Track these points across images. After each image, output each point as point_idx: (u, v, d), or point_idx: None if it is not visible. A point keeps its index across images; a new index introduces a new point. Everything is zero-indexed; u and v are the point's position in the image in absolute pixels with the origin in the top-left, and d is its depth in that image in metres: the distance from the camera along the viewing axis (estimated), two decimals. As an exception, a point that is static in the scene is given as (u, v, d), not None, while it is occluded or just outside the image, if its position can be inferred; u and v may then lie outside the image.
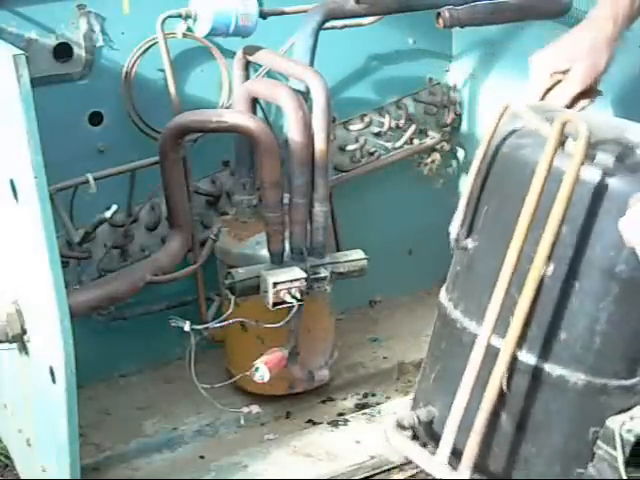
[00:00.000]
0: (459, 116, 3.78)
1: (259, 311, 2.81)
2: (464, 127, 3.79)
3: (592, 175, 2.02)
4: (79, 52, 2.94)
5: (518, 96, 2.30)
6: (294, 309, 2.76)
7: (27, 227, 2.11)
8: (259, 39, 3.03)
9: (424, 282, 3.97)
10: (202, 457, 2.91)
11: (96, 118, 3.05)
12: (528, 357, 2.14)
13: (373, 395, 3.26)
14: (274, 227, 2.83)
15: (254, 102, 3.02)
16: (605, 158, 2.02)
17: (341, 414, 3.13)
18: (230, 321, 2.77)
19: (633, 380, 2.11)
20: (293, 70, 2.92)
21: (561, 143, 2.05)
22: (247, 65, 3.09)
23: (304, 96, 2.85)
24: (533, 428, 2.19)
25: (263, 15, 3.03)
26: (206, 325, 2.83)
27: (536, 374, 2.14)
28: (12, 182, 2.13)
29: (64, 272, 2.15)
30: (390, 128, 3.62)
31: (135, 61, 3.04)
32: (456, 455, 2.15)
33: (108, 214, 2.85)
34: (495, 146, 2.24)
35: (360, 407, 3.17)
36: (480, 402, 2.10)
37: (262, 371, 2.75)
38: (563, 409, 2.16)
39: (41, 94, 2.13)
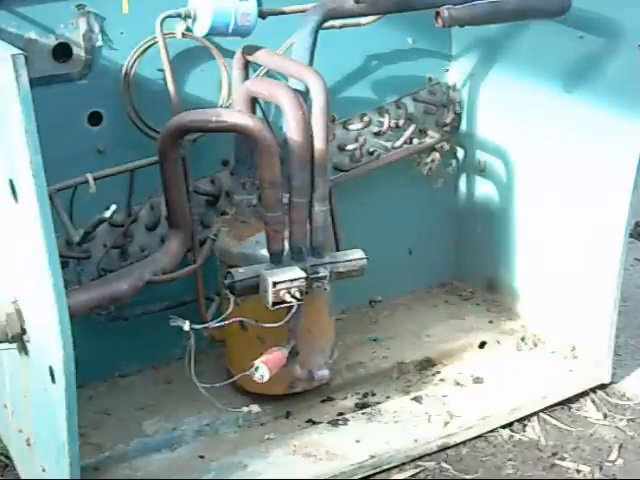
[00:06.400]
0: (459, 115, 3.77)
1: (259, 311, 2.81)
2: (464, 127, 3.78)
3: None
4: (78, 52, 2.95)
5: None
6: (294, 309, 2.76)
7: (26, 227, 2.11)
8: (258, 39, 3.03)
9: (424, 282, 3.98)
10: (202, 457, 2.91)
11: (95, 118, 3.05)
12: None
13: (373, 395, 3.25)
14: (274, 227, 2.83)
15: (253, 102, 3.02)
16: None
17: (341, 413, 3.12)
18: (230, 321, 2.77)
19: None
20: (292, 70, 2.92)
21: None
22: (246, 65, 3.09)
23: (303, 96, 2.85)
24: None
25: (262, 15, 3.04)
26: (206, 325, 2.84)
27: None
28: (11, 182, 2.13)
29: (64, 272, 2.16)
30: (390, 128, 3.62)
31: (134, 61, 3.04)
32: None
33: (108, 214, 2.85)
34: None
35: (360, 407, 3.17)
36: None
37: (262, 371, 2.75)
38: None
39: (40, 94, 2.14)
